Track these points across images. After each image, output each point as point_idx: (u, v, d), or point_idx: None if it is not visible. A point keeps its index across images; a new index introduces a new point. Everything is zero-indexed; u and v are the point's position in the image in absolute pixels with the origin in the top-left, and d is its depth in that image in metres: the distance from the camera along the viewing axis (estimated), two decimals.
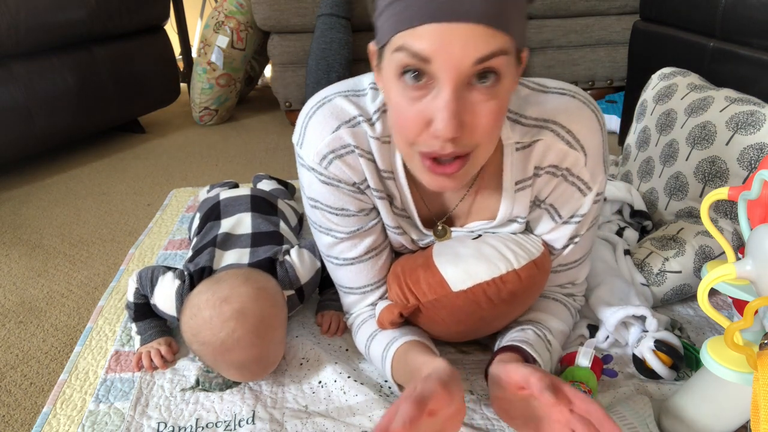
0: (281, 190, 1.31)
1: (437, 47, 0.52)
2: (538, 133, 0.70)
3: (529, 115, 0.70)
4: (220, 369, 0.79)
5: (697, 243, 0.95)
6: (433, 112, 0.55)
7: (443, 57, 0.52)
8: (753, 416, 0.53)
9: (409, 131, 0.59)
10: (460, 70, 0.53)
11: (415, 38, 0.53)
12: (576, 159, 0.71)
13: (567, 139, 0.70)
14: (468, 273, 0.72)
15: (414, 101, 0.56)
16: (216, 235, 0.96)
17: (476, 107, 0.56)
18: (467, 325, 0.77)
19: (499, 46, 0.53)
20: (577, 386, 0.74)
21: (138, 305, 0.89)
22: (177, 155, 1.93)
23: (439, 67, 0.53)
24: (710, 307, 0.59)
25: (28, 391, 0.86)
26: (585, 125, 0.70)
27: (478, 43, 0.52)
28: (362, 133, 0.71)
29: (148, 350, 0.86)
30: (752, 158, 0.95)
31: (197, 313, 0.76)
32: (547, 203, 0.76)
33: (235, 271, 0.82)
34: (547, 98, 0.71)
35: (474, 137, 0.58)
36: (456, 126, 0.54)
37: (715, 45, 1.24)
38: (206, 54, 2.13)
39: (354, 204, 0.75)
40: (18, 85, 1.59)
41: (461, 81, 0.54)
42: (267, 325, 0.77)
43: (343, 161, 0.71)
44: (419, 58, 0.53)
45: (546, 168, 0.72)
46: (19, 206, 1.52)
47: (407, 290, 0.77)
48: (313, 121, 0.72)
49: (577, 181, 0.73)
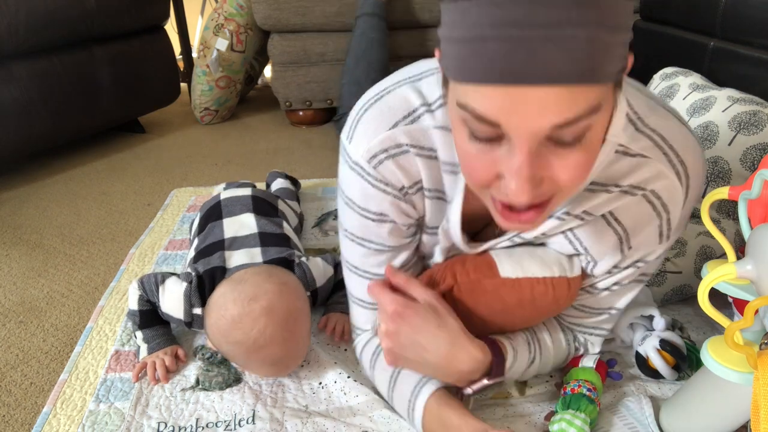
0: (285, 190, 1.31)
1: (506, 113, 0.42)
2: (649, 149, 0.60)
3: (648, 123, 0.60)
4: (252, 367, 0.80)
5: (698, 243, 0.95)
6: (504, 167, 0.47)
7: (514, 123, 0.43)
8: (753, 416, 0.53)
9: (478, 180, 0.50)
10: (536, 136, 0.43)
11: (480, 100, 0.43)
12: (678, 195, 0.62)
13: (678, 169, 0.61)
14: (521, 265, 0.68)
15: (483, 152, 0.48)
16: (223, 239, 0.96)
17: (556, 161, 0.46)
18: (493, 321, 0.73)
19: (590, 105, 0.42)
20: (583, 384, 0.74)
21: (143, 312, 0.88)
22: (177, 155, 1.93)
23: (510, 130, 0.44)
24: (711, 307, 0.59)
25: (29, 391, 0.86)
26: (698, 165, 0.62)
27: (561, 107, 0.41)
28: (421, 129, 0.63)
29: (153, 360, 0.85)
30: (755, 158, 0.95)
31: (224, 314, 0.76)
32: (619, 221, 0.66)
33: (256, 269, 0.83)
34: (667, 116, 0.61)
35: (554, 188, 0.49)
36: (530, 191, 0.46)
37: (715, 45, 1.23)
38: (206, 56, 2.13)
39: (395, 212, 0.68)
40: (18, 85, 1.59)
41: (537, 142, 0.44)
42: (295, 319, 0.78)
43: (395, 162, 0.64)
44: (486, 122, 0.44)
45: (639, 187, 0.62)
46: (19, 206, 1.52)
47: (449, 272, 0.71)
48: (368, 116, 0.64)
49: (663, 217, 0.64)
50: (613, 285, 0.72)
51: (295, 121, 2.21)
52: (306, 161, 1.84)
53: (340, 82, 1.89)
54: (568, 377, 0.77)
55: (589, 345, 0.81)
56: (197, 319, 0.86)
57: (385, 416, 0.75)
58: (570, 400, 0.72)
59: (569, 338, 0.80)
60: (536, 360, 0.76)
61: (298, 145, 1.99)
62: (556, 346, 0.78)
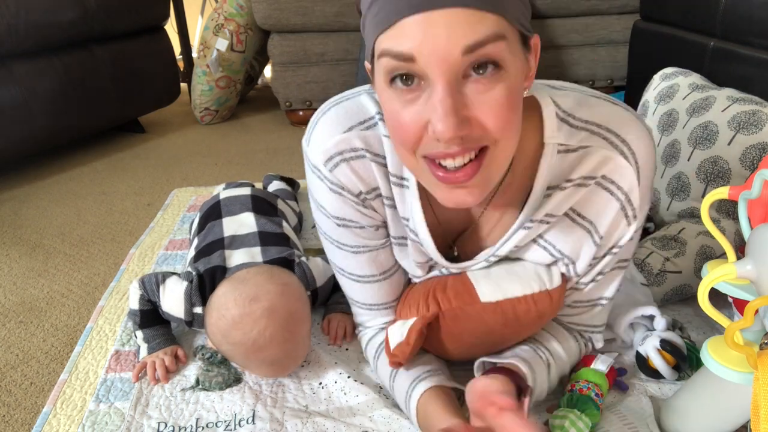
0: (283, 191, 1.31)
1: (419, 42, 0.47)
2: (587, 138, 0.63)
3: (579, 117, 0.63)
4: (251, 367, 0.80)
5: (698, 243, 0.95)
6: (429, 112, 0.50)
7: (427, 51, 0.47)
8: (753, 416, 0.53)
9: (407, 137, 0.53)
10: (449, 63, 0.47)
11: (395, 38, 0.48)
12: (628, 173, 0.63)
13: (622, 149, 0.62)
14: (500, 286, 0.69)
15: (408, 104, 0.51)
16: (222, 238, 0.96)
17: (476, 99, 0.50)
18: (483, 342, 0.74)
19: (492, 30, 0.47)
20: (592, 388, 0.74)
21: (144, 312, 0.88)
22: (177, 155, 1.93)
23: (425, 63, 0.48)
24: (711, 307, 0.59)
25: (29, 391, 0.86)
26: (642, 139, 0.63)
27: (465, 29, 0.46)
28: (375, 136, 0.66)
29: (153, 360, 0.85)
30: (754, 158, 0.95)
31: (225, 314, 0.76)
32: (583, 216, 0.67)
33: (257, 269, 0.82)
34: (600, 104, 0.64)
35: (485, 132, 0.51)
36: (455, 123, 0.49)
37: (715, 44, 1.23)
38: (206, 56, 2.13)
39: (358, 216, 0.70)
40: (18, 85, 1.59)
41: (454, 75, 0.48)
42: (296, 320, 0.78)
43: (350, 166, 0.66)
44: (403, 59, 0.48)
45: (590, 177, 0.64)
46: (19, 206, 1.52)
47: (431, 298, 0.72)
48: (325, 119, 0.67)
49: (621, 198, 0.65)
50: (598, 275, 0.73)
51: (295, 121, 2.21)
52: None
53: (355, 77, 1.89)
54: (578, 375, 0.77)
55: (594, 341, 0.81)
56: (198, 319, 0.86)
57: (385, 416, 0.75)
58: (577, 400, 0.72)
59: (575, 336, 0.80)
60: (552, 367, 0.75)
61: (298, 145, 1.99)
62: (566, 347, 0.78)
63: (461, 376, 0.81)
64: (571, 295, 0.76)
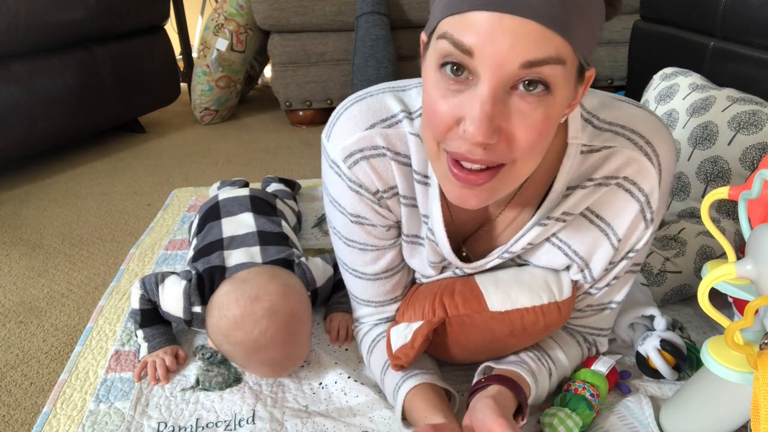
0: (281, 191, 1.31)
1: (483, 40, 0.46)
2: (611, 139, 0.63)
3: (603, 118, 0.63)
4: (252, 367, 0.80)
5: (698, 243, 0.95)
6: (467, 110, 0.49)
7: (488, 51, 0.46)
8: (753, 416, 0.53)
9: (437, 126, 0.52)
10: (504, 70, 0.47)
11: (462, 26, 0.47)
12: (651, 176, 0.63)
13: (647, 151, 0.62)
14: (509, 296, 0.68)
15: (449, 94, 0.50)
16: (222, 239, 0.96)
17: (516, 115, 0.49)
18: (487, 348, 0.73)
19: (555, 52, 0.46)
20: (588, 388, 0.74)
21: (145, 311, 0.88)
22: (177, 155, 1.93)
23: (481, 62, 0.47)
24: (710, 307, 0.59)
25: (29, 391, 0.86)
26: (666, 143, 0.63)
27: (530, 44, 0.46)
28: (398, 135, 0.65)
29: (153, 360, 0.85)
30: (754, 158, 0.95)
31: (226, 313, 0.76)
32: (600, 216, 0.67)
33: (259, 270, 0.82)
34: (624, 106, 0.64)
35: (510, 150, 0.51)
36: (487, 130, 0.48)
37: (715, 44, 1.23)
38: (206, 56, 2.13)
39: (372, 215, 0.70)
40: (18, 85, 1.59)
41: (503, 83, 0.48)
42: (297, 321, 0.78)
43: (369, 164, 0.66)
44: (462, 49, 0.47)
45: (611, 177, 0.64)
46: (19, 206, 1.52)
47: (438, 303, 0.72)
48: (347, 115, 0.66)
49: (641, 200, 0.64)
50: (612, 280, 0.72)
51: (295, 121, 2.21)
52: (306, 161, 1.84)
53: (351, 82, 1.89)
54: (576, 376, 0.77)
55: (599, 344, 0.81)
56: (197, 318, 0.86)
57: (385, 416, 0.75)
58: (570, 399, 0.72)
59: (579, 340, 0.80)
60: (553, 374, 0.75)
61: (298, 145, 1.99)
62: (569, 354, 0.78)
63: (461, 375, 0.82)
64: (584, 300, 0.76)
